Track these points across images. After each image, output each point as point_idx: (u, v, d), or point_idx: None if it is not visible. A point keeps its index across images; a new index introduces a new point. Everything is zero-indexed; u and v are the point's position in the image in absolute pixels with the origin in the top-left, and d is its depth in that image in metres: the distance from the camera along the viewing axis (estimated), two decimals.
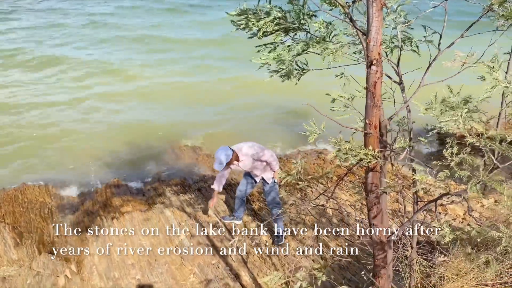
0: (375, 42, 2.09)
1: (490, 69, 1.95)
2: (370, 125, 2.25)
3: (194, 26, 21.54)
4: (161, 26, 21.32)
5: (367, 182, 2.44)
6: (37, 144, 8.88)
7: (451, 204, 6.03)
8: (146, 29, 20.42)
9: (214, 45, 17.77)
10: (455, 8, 20.49)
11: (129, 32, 19.79)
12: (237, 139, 8.87)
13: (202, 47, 17.47)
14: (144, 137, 9.29)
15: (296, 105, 10.18)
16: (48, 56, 15.65)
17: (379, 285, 2.74)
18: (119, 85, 12.82)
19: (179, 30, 20.49)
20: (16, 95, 11.79)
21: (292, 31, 2.77)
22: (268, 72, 2.88)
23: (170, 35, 19.32)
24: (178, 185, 7.10)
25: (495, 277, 3.30)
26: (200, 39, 18.83)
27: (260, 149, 5.27)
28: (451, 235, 2.07)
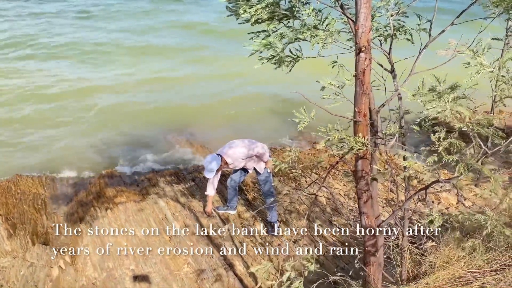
0: (363, 29, 2.07)
1: (475, 54, 1.94)
2: (359, 113, 2.24)
3: (187, 14, 21.38)
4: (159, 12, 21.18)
5: (357, 170, 2.44)
6: (30, 135, 8.82)
7: (444, 193, 6.06)
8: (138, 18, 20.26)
9: (207, 34, 17.69)
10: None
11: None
12: (231, 129, 8.93)
13: (194, 36, 17.38)
14: (138, 128, 9.26)
15: (293, 95, 10.15)
16: (43, 43, 15.52)
17: (369, 273, 2.75)
18: (112, 75, 12.72)
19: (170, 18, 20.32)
20: (4, 85, 11.70)
21: (285, 18, 2.75)
22: (259, 59, 2.87)
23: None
24: (172, 176, 7.10)
25: (485, 265, 3.32)
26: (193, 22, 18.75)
27: (250, 145, 5.31)
28: (440, 220, 2.07)
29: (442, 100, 1.97)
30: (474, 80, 2.05)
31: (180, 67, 13.59)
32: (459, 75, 2.59)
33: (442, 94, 1.95)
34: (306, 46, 2.83)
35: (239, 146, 5.32)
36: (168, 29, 18.53)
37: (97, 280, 4.98)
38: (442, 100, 1.97)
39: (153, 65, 13.63)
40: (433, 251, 3.45)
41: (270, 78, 10.83)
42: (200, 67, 13.57)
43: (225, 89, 11.58)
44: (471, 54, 1.98)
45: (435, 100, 1.93)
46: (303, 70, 5.66)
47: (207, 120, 9.61)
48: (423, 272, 3.32)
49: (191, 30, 18.47)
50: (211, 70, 13.24)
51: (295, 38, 2.80)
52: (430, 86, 2.08)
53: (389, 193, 6.37)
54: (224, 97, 11.04)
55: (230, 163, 5.37)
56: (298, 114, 2.37)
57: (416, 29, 3.01)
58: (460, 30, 2.55)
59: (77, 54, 14.75)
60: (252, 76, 11.72)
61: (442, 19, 3.76)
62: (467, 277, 3.18)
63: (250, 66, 2.93)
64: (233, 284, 4.85)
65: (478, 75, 2.05)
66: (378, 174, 2.46)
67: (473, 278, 3.15)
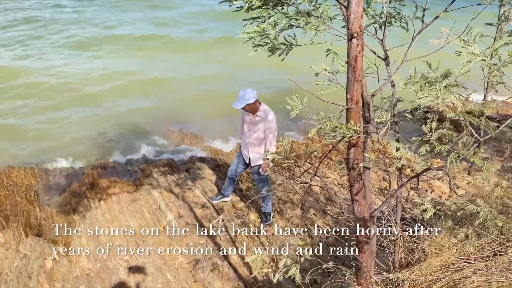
0: (355, 15, 2.05)
1: (466, 43, 1.93)
2: (352, 100, 2.23)
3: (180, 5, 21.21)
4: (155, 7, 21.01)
5: (349, 158, 2.43)
6: (21, 127, 8.75)
7: (437, 182, 6.09)
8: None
9: (198, 20, 17.61)
10: None
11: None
12: (224, 120, 8.90)
13: (182, 25, 17.29)
14: (131, 119, 9.21)
15: (288, 83, 10.13)
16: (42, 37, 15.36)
17: (362, 260, 2.76)
18: (103, 68, 12.62)
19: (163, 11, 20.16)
20: None
21: (279, 5, 2.72)
22: (253, 47, 2.84)
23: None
24: (165, 166, 7.07)
25: (477, 251, 3.34)
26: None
27: (274, 119, 5.16)
28: (432, 210, 2.07)
29: (434, 88, 1.96)
30: (466, 68, 2.03)
31: (173, 58, 13.50)
32: (453, 61, 2.59)
33: (434, 82, 1.93)
34: (301, 33, 2.80)
35: (271, 110, 5.17)
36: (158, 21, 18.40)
37: (91, 271, 4.97)
38: (434, 88, 1.96)
39: (145, 58, 13.53)
40: (426, 239, 3.47)
41: (264, 66, 10.77)
42: (192, 56, 13.50)
43: (218, 78, 11.53)
44: (462, 43, 1.96)
45: (427, 88, 1.91)
46: (298, 57, 5.63)
47: (200, 111, 9.57)
48: (416, 259, 3.34)
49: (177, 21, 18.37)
50: (203, 59, 13.16)
51: (288, 25, 2.77)
52: (422, 74, 2.06)
53: (382, 182, 6.39)
54: (216, 87, 10.99)
55: (258, 113, 5.13)
56: (290, 101, 2.35)
57: (411, 17, 2.99)
58: (454, 18, 2.54)
59: (70, 45, 14.61)
60: (246, 64, 11.66)
61: (437, 7, 3.74)
62: (459, 263, 3.20)
63: (243, 54, 2.90)
64: (227, 273, 4.86)
65: (470, 64, 2.04)
66: (370, 162, 2.45)
67: (465, 264, 3.17)
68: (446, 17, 2.79)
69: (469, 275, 3.00)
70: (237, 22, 4.22)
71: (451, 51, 2.77)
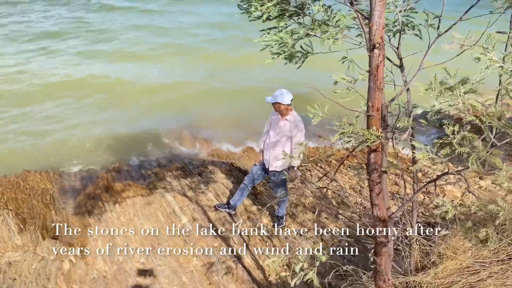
0: (377, 26, 2.13)
1: (485, 50, 2.00)
2: (373, 107, 2.31)
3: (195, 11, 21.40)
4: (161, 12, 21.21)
5: (369, 163, 2.51)
6: (37, 131, 8.89)
7: (449, 186, 6.13)
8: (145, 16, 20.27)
9: (214, 28, 17.77)
10: None
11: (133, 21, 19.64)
12: (237, 125, 8.99)
13: (200, 30, 17.46)
14: (144, 123, 9.33)
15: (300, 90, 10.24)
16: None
17: (380, 263, 2.82)
18: (117, 71, 12.78)
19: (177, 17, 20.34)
20: (14, 81, 11.78)
21: (295, 15, 2.81)
22: (270, 54, 2.92)
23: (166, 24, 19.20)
24: (178, 170, 7.17)
25: (492, 255, 3.40)
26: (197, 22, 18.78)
27: (303, 128, 5.19)
28: (453, 210, 2.14)
29: (454, 94, 2.03)
30: (483, 74, 2.11)
31: (188, 64, 13.66)
32: (466, 69, 2.66)
33: (454, 88, 2.01)
34: (315, 42, 2.88)
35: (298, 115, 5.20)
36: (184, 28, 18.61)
37: (108, 273, 5.07)
38: (454, 94, 2.03)
39: (158, 63, 13.68)
40: (441, 242, 3.53)
41: (276, 73, 10.88)
42: (208, 64, 13.63)
43: (231, 84, 11.63)
44: (482, 50, 2.04)
45: (447, 94, 1.99)
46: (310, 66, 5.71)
47: (212, 116, 9.66)
48: (432, 263, 3.40)
49: (200, 28, 18.56)
50: (218, 67, 13.29)
51: (305, 34, 2.86)
52: (441, 80, 2.14)
53: (393, 186, 6.44)
54: (230, 92, 11.09)
55: (287, 117, 5.16)
56: (311, 109, 2.43)
57: (424, 25, 3.06)
58: (468, 25, 2.61)
59: (85, 50, 14.81)
60: (259, 71, 11.77)
61: (450, 13, 3.81)
62: (475, 267, 3.25)
63: (258, 61, 2.99)
64: (242, 276, 4.93)
65: (488, 70, 2.12)
66: (389, 166, 2.53)
67: (481, 268, 3.22)
68: (461, 25, 2.86)
69: (485, 278, 3.05)
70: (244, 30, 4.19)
71: (465, 59, 2.85)
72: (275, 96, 5.03)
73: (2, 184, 6.73)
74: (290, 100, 5.03)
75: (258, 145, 5.63)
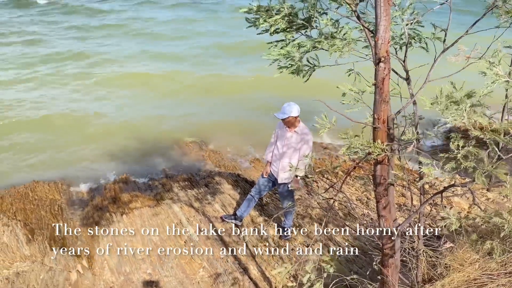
0: (383, 40, 2.17)
1: (491, 64, 2.03)
2: (379, 120, 2.34)
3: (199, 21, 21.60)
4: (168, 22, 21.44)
5: (375, 175, 2.53)
6: (45, 143, 8.99)
7: (456, 197, 6.12)
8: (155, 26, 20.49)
9: (219, 36, 17.91)
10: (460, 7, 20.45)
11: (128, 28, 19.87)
12: (243, 136, 9.04)
13: (206, 39, 17.62)
14: (151, 134, 9.41)
15: (306, 101, 10.29)
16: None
17: (387, 274, 2.83)
18: (125, 82, 12.90)
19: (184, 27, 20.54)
20: (19, 91, 11.93)
21: (303, 28, 2.86)
22: (278, 68, 2.97)
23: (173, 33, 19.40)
24: (185, 181, 7.21)
25: (500, 267, 3.38)
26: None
27: (311, 139, 5.23)
28: (457, 223, 2.15)
29: (459, 108, 2.06)
30: (490, 88, 2.13)
31: (195, 72, 13.79)
32: (473, 81, 2.68)
33: (460, 102, 2.04)
34: (323, 56, 2.93)
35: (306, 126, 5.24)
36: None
37: (115, 284, 5.09)
38: (459, 108, 2.06)
39: (163, 73, 13.80)
40: (448, 254, 3.52)
41: (287, 84, 10.94)
42: (212, 74, 13.74)
43: (238, 95, 11.71)
44: (488, 64, 2.07)
45: (452, 108, 2.02)
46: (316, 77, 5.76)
47: (219, 127, 9.72)
48: (438, 274, 3.40)
49: (205, 37, 18.74)
50: (223, 77, 13.39)
51: (312, 47, 2.90)
52: (447, 94, 2.17)
53: (400, 198, 6.43)
54: (237, 103, 11.16)
55: (295, 128, 5.19)
56: (319, 120, 2.47)
57: (430, 37, 3.10)
58: (474, 38, 2.64)
59: (89, 62, 14.97)
60: (266, 82, 11.86)
61: (457, 26, 3.85)
62: (482, 279, 3.25)
63: (264, 74, 3.03)
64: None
65: (494, 85, 2.14)
66: (395, 178, 2.55)
67: (488, 280, 3.22)
68: (466, 38, 2.89)
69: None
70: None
71: (471, 72, 2.87)
72: (285, 110, 5.06)
73: (11, 194, 6.81)
74: (298, 111, 5.07)
75: (264, 156, 5.65)
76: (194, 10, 24.98)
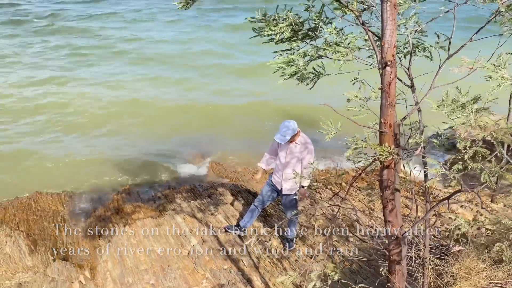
0: (389, 44, 2.19)
1: (496, 68, 2.05)
2: (385, 124, 2.35)
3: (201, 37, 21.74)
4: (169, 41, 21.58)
5: (382, 179, 2.53)
6: (48, 153, 9.00)
7: (461, 208, 6.09)
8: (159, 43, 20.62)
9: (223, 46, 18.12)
10: (464, 15, 20.59)
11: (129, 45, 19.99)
12: (247, 146, 9.06)
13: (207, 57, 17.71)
14: (153, 146, 9.41)
15: (309, 108, 10.36)
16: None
17: (394, 281, 2.81)
18: (126, 94, 12.94)
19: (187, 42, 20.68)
20: (20, 100, 12.00)
21: (308, 37, 2.89)
22: (281, 76, 2.99)
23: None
24: (188, 192, 7.19)
25: (507, 276, 3.35)
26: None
27: (313, 149, 5.26)
28: (466, 226, 2.15)
29: (466, 111, 2.07)
30: (495, 93, 2.14)
31: (198, 80, 13.86)
32: (478, 88, 2.70)
33: (466, 105, 2.05)
34: (329, 64, 2.95)
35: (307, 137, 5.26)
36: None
37: None
38: (466, 111, 2.07)
39: (168, 85, 13.86)
40: (454, 263, 3.50)
41: (293, 90, 10.99)
42: (216, 82, 13.82)
43: (240, 105, 11.76)
44: (493, 68, 2.09)
45: (459, 111, 2.03)
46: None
47: (223, 137, 9.73)
48: (445, 283, 3.37)
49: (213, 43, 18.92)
50: (227, 86, 13.47)
51: (317, 55, 2.93)
52: (453, 98, 2.18)
53: (404, 209, 6.40)
54: (239, 112, 11.20)
55: (296, 141, 5.18)
56: (325, 125, 2.48)
57: (435, 46, 3.13)
58: (477, 46, 2.66)
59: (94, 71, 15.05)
60: (271, 91, 11.94)
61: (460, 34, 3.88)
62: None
63: (268, 81, 3.06)
64: None
65: (500, 88, 2.16)
66: (402, 184, 2.55)
67: None
68: (469, 46, 2.92)
69: None
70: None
71: (475, 78, 2.89)
72: (285, 133, 5.05)
73: (14, 205, 6.80)
74: (296, 126, 5.10)
75: (259, 164, 5.69)
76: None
